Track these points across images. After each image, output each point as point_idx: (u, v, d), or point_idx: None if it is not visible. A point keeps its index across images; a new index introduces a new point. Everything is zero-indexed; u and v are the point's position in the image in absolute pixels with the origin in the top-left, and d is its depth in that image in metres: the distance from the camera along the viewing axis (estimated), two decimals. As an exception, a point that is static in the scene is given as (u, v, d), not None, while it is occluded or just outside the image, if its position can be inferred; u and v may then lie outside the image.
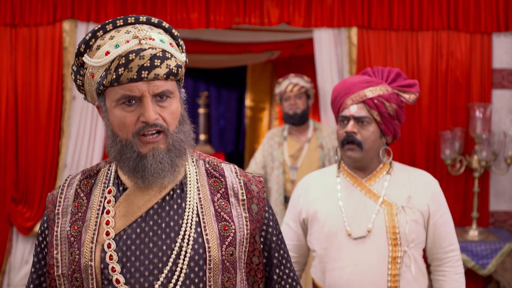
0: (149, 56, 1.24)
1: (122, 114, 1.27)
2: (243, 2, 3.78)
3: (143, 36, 1.25)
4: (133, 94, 1.25)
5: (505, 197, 3.87)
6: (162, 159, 1.27)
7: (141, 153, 1.27)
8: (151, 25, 1.31)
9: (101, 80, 1.27)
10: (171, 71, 1.27)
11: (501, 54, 3.81)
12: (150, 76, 1.24)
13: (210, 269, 1.29)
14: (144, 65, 1.24)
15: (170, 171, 1.28)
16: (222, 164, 1.44)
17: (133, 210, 1.31)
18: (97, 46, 1.28)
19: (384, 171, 2.12)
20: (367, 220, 2.03)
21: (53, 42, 3.73)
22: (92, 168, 1.42)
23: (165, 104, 1.28)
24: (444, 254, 2.10)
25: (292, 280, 1.46)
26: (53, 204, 1.38)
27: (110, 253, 1.27)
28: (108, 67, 1.25)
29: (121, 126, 1.27)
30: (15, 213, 3.80)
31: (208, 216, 1.33)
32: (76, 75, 1.35)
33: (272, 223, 1.43)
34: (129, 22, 1.29)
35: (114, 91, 1.26)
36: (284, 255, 1.46)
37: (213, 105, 7.24)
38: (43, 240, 1.38)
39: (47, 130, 3.76)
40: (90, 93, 1.35)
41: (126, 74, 1.24)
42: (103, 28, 1.28)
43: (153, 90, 1.25)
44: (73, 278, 1.30)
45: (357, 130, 2.05)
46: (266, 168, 3.93)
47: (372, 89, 2.08)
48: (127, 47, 1.24)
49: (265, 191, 1.46)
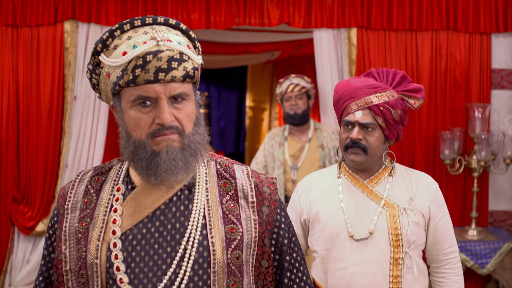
0: (166, 58, 1.23)
1: (138, 115, 1.25)
2: (243, 2, 3.78)
3: (161, 37, 1.24)
4: (149, 96, 1.24)
5: (504, 196, 3.88)
6: (175, 156, 1.26)
7: (154, 151, 1.26)
8: (169, 27, 1.30)
9: (117, 80, 1.26)
10: (188, 74, 1.26)
11: (500, 54, 3.83)
12: (167, 78, 1.23)
13: (214, 272, 1.27)
14: (162, 67, 1.22)
15: (183, 168, 1.27)
16: (234, 165, 1.41)
17: (140, 210, 1.30)
18: (114, 45, 1.27)
19: (386, 173, 2.11)
20: (369, 221, 2.03)
21: (54, 43, 3.74)
22: (105, 165, 1.41)
23: (180, 106, 1.27)
24: (443, 256, 2.10)
25: (305, 284, 1.43)
26: (63, 198, 1.38)
27: (116, 252, 1.27)
28: (125, 68, 1.24)
29: (136, 127, 1.26)
30: (17, 213, 3.81)
31: (215, 218, 1.31)
32: (92, 74, 1.34)
33: (284, 226, 1.40)
34: (147, 22, 1.28)
35: (130, 92, 1.25)
36: (297, 258, 1.43)
37: (213, 105, 7.25)
38: (53, 234, 1.38)
39: (48, 130, 3.77)
40: (105, 93, 1.33)
41: (143, 75, 1.22)
42: (120, 28, 1.27)
43: (170, 92, 1.24)
44: (79, 274, 1.30)
45: (362, 136, 2.03)
46: (267, 168, 3.94)
47: (378, 95, 2.04)
48: (144, 48, 1.23)
49: (278, 192, 1.45)
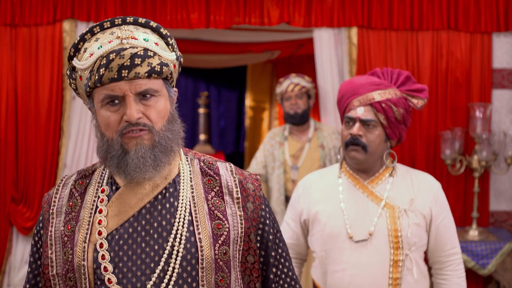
0: (129, 55, 1.23)
1: (107, 114, 1.27)
2: (243, 2, 3.77)
3: (125, 36, 1.25)
4: (115, 94, 1.25)
5: (505, 197, 3.86)
6: (144, 153, 1.26)
7: (125, 149, 1.27)
8: (138, 25, 1.31)
9: (87, 82, 1.27)
10: (153, 70, 1.26)
11: (501, 54, 3.81)
12: (131, 75, 1.24)
13: (202, 268, 1.28)
14: (124, 64, 1.23)
15: (152, 166, 1.27)
16: (217, 162, 1.42)
17: (125, 209, 1.30)
18: (84, 48, 1.28)
19: (387, 173, 2.09)
20: (369, 223, 2.01)
21: (53, 42, 3.72)
22: (88, 169, 1.41)
23: (149, 102, 1.27)
24: (446, 257, 2.08)
25: (290, 280, 1.44)
26: (48, 204, 1.38)
27: (103, 252, 1.27)
28: (92, 69, 1.26)
29: (106, 126, 1.27)
30: (15, 213, 3.80)
31: (201, 214, 1.32)
32: (70, 79, 1.36)
33: (269, 222, 1.42)
34: (116, 23, 1.29)
35: (99, 92, 1.26)
36: (282, 254, 1.44)
37: (213, 105, 7.24)
38: (39, 240, 1.38)
39: (47, 130, 3.76)
40: (82, 96, 1.35)
41: (107, 74, 1.23)
42: (90, 31, 1.29)
43: (135, 89, 1.25)
44: (67, 278, 1.29)
45: (363, 133, 2.01)
46: (267, 167, 3.93)
47: (380, 92, 2.03)
48: (108, 47, 1.24)
49: (262, 189, 1.44)
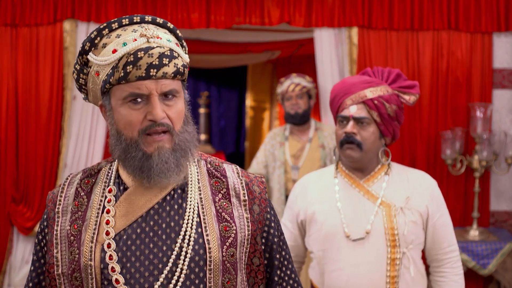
0: (157, 54, 1.24)
1: (129, 112, 1.25)
2: (243, 2, 3.77)
3: (150, 34, 1.25)
4: (141, 92, 1.24)
5: (505, 197, 3.86)
6: (167, 158, 1.26)
7: (146, 153, 1.26)
8: (156, 25, 1.31)
9: (107, 78, 1.26)
10: (178, 70, 1.27)
11: (501, 54, 3.81)
12: (159, 74, 1.24)
13: (210, 270, 1.28)
14: (153, 63, 1.23)
15: (175, 171, 1.27)
16: (224, 164, 1.42)
17: (133, 210, 1.30)
18: (103, 44, 1.27)
19: (383, 172, 2.10)
20: (365, 221, 2.02)
21: (54, 42, 3.72)
22: (93, 167, 1.40)
23: (171, 103, 1.27)
24: (443, 255, 2.08)
25: (293, 282, 1.45)
26: (53, 202, 1.37)
27: (110, 253, 1.26)
28: (115, 65, 1.24)
29: (127, 125, 1.26)
30: (16, 213, 3.80)
31: (209, 216, 1.32)
32: (80, 74, 1.33)
33: (274, 225, 1.42)
34: (134, 21, 1.29)
35: (121, 89, 1.25)
36: (286, 256, 1.44)
37: (213, 105, 7.24)
38: (43, 238, 1.37)
39: (47, 130, 3.76)
40: (94, 92, 1.33)
41: (135, 72, 1.23)
42: (108, 27, 1.28)
43: (161, 88, 1.25)
44: (72, 277, 1.29)
45: (357, 130, 2.03)
46: (268, 167, 3.93)
47: (372, 89, 2.06)
48: (135, 45, 1.23)
49: (267, 192, 1.44)
